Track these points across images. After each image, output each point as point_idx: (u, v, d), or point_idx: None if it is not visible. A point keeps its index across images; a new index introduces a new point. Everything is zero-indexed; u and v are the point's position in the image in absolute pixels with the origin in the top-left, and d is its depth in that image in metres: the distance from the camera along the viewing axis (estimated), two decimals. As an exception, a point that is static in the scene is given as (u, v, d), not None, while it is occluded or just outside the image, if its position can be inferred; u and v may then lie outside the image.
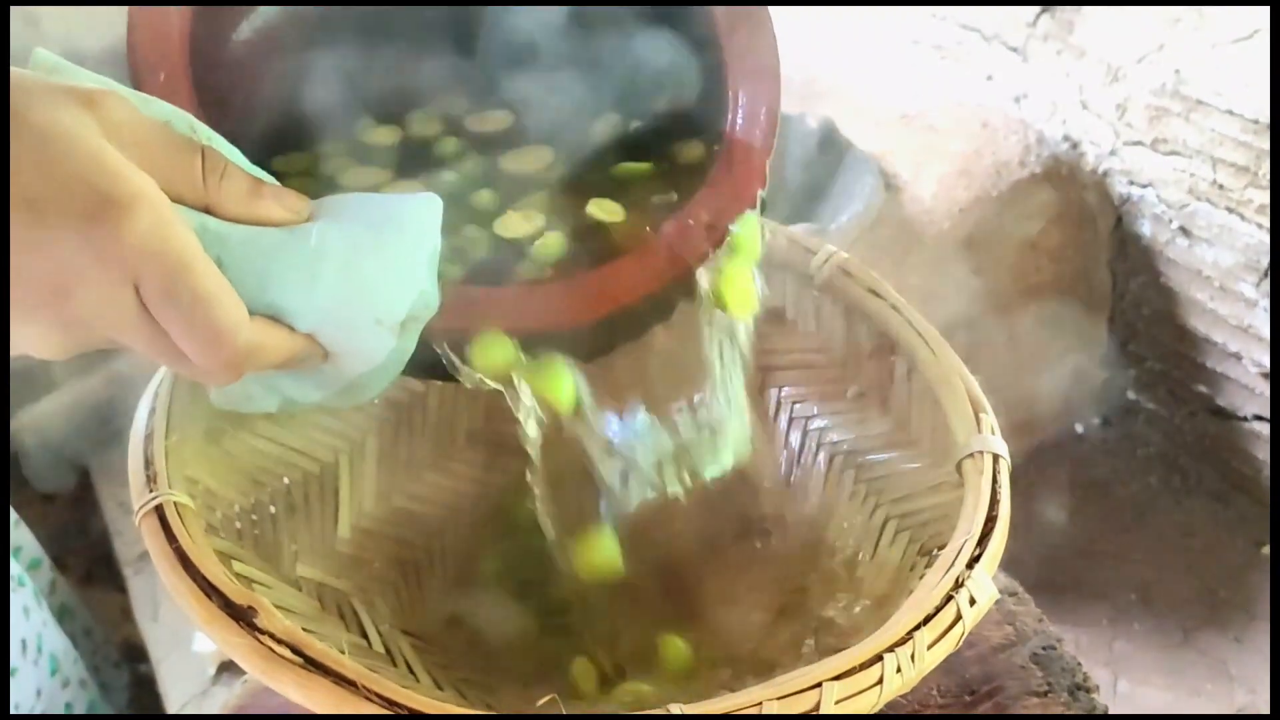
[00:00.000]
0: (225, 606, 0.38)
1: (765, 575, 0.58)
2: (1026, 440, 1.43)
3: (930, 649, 0.39)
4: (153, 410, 0.46)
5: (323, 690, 0.36)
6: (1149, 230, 1.38)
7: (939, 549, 0.44)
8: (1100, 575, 1.31)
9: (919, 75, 1.54)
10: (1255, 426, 1.34)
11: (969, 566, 0.42)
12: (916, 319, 0.54)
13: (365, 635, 0.50)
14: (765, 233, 0.48)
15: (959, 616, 0.40)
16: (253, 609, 0.37)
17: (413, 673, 0.49)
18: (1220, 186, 1.26)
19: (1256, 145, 1.20)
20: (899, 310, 0.54)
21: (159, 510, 0.41)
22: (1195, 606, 1.29)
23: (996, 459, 0.47)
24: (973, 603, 0.40)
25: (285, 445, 0.54)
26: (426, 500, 0.60)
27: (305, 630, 0.38)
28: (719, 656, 0.53)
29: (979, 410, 0.49)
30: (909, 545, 0.51)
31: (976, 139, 1.39)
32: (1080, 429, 1.50)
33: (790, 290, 0.59)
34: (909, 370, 0.53)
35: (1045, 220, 1.38)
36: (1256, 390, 1.32)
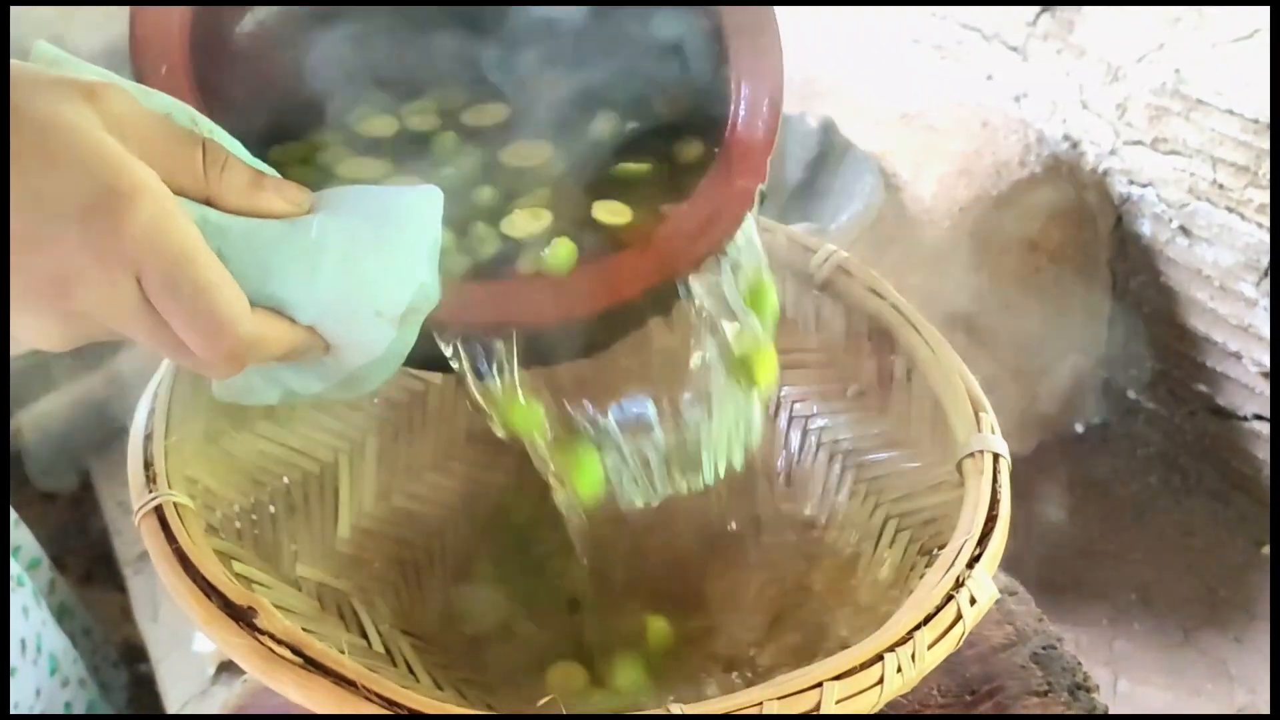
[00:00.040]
0: (225, 606, 0.38)
1: (765, 575, 0.58)
2: (1026, 440, 1.43)
3: (931, 649, 0.39)
4: (152, 410, 0.46)
5: (322, 690, 0.36)
6: (1149, 230, 1.38)
7: (939, 548, 0.44)
8: (1100, 575, 1.31)
9: (919, 75, 1.54)
10: (1255, 426, 1.34)
11: (969, 566, 0.42)
12: (916, 318, 0.54)
13: (365, 635, 0.50)
14: (763, 232, 0.48)
15: (959, 616, 0.40)
16: (252, 609, 0.37)
17: (412, 673, 0.49)
18: (1220, 186, 1.26)
19: (1256, 145, 1.20)
20: (899, 309, 0.54)
21: (159, 510, 0.41)
22: (1195, 606, 1.29)
23: (997, 458, 0.47)
24: (973, 602, 0.40)
25: (285, 445, 0.54)
26: (426, 500, 0.60)
27: (305, 630, 0.38)
28: (719, 656, 0.53)
29: (979, 409, 0.49)
30: (909, 545, 0.51)
31: (976, 138, 1.39)
32: (1080, 428, 1.50)
33: (790, 290, 0.58)
34: (909, 369, 0.53)
35: (1045, 220, 1.38)
36: (1256, 390, 1.32)
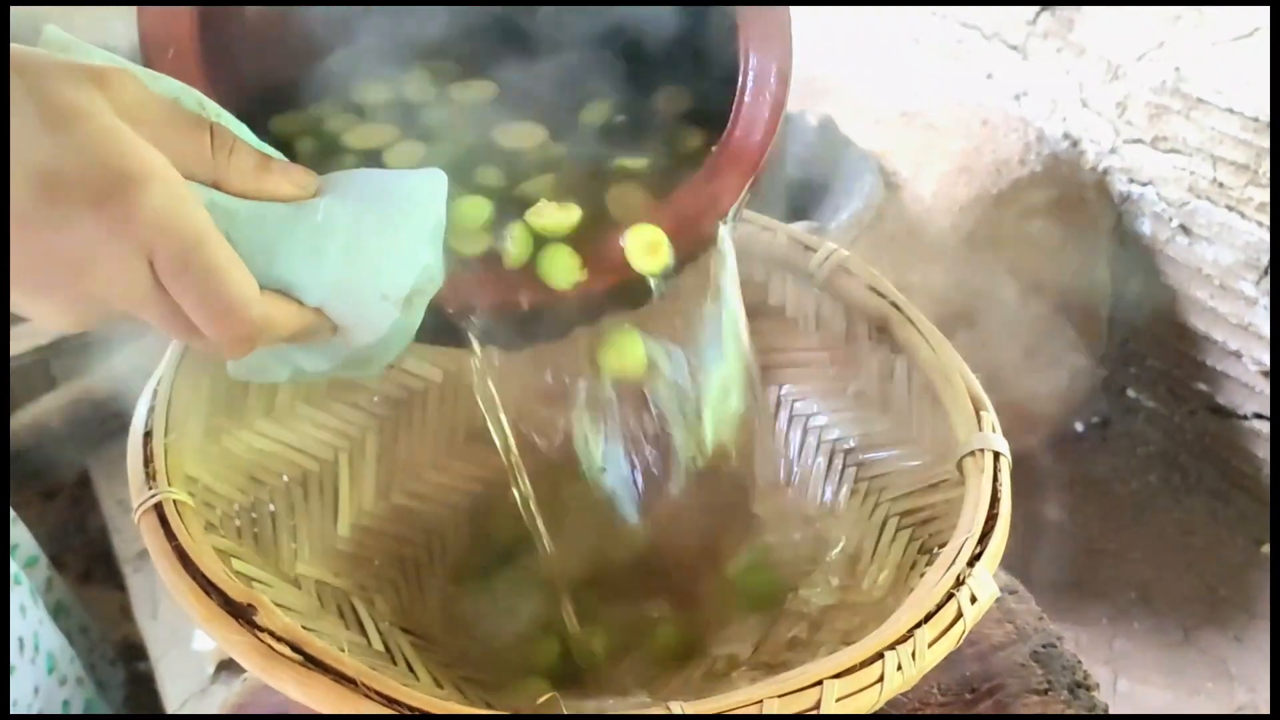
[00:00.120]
0: (225, 604, 0.38)
1: (765, 573, 0.58)
2: (1027, 438, 1.43)
3: (931, 647, 0.38)
4: (152, 408, 0.46)
5: (322, 688, 0.36)
6: (1149, 228, 1.38)
7: (939, 547, 0.44)
8: (1100, 573, 1.31)
9: (919, 73, 1.54)
10: (1255, 425, 1.34)
11: (970, 564, 0.41)
12: (917, 317, 0.53)
13: (365, 633, 0.50)
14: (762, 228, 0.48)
15: (960, 614, 0.40)
16: (252, 607, 0.37)
17: (412, 671, 0.49)
18: (1220, 184, 1.26)
19: (1256, 143, 1.20)
20: (899, 308, 0.54)
21: (158, 508, 0.41)
22: (1195, 605, 1.29)
23: (997, 457, 0.47)
24: (973, 601, 0.40)
25: (285, 443, 0.54)
26: (426, 498, 0.60)
27: (305, 628, 0.37)
28: (719, 654, 0.53)
29: (979, 408, 0.49)
30: (909, 543, 0.51)
31: (976, 137, 1.39)
32: (1080, 427, 1.50)
33: (790, 288, 0.58)
34: (909, 368, 0.53)
35: (1045, 218, 1.38)
36: (1256, 388, 1.32)
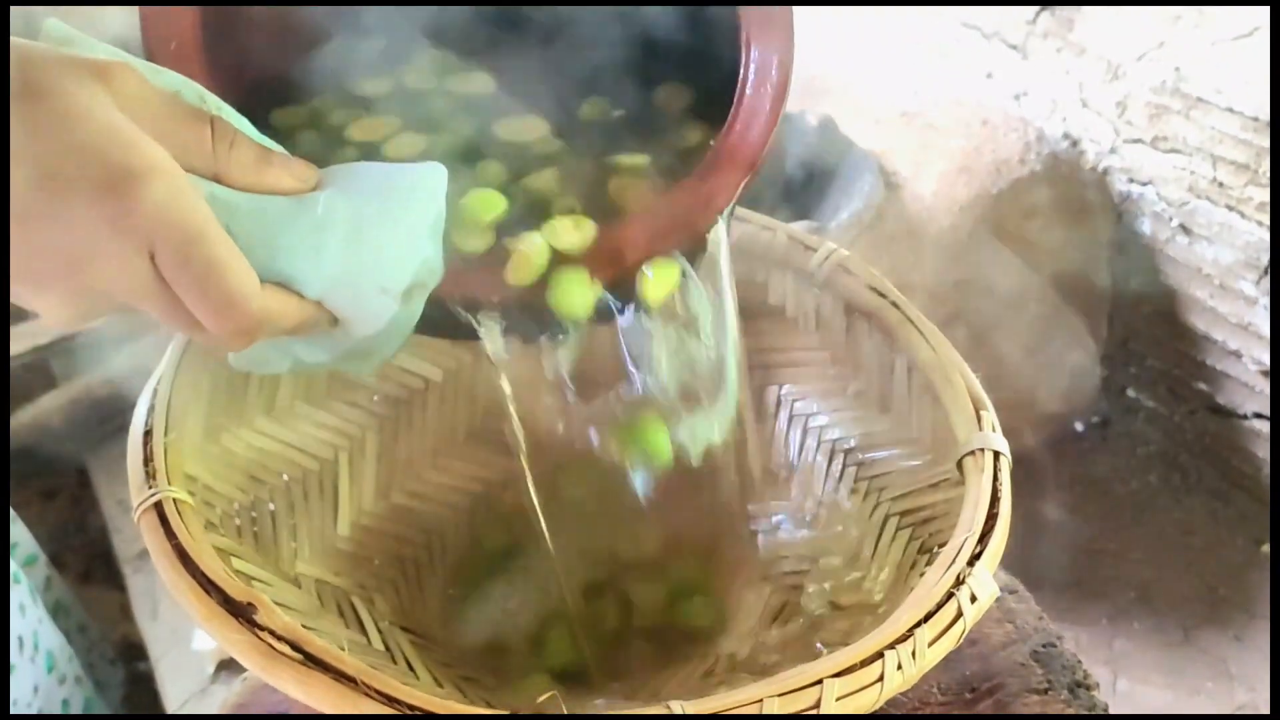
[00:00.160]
0: (225, 603, 0.38)
1: (766, 573, 0.58)
2: (1027, 438, 1.43)
3: (931, 646, 0.38)
4: (152, 407, 0.46)
5: (323, 687, 0.36)
6: (1149, 228, 1.38)
7: (940, 546, 0.44)
8: (1100, 573, 1.31)
9: (919, 73, 1.54)
10: (1255, 424, 1.34)
11: (970, 564, 0.41)
12: (917, 316, 0.53)
13: (365, 632, 0.50)
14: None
15: (960, 614, 0.40)
16: (252, 606, 0.37)
17: (412, 670, 0.49)
18: (1220, 184, 1.26)
19: (1256, 143, 1.20)
20: (899, 307, 0.54)
21: (158, 507, 0.41)
22: (1195, 605, 1.29)
23: (997, 456, 0.47)
24: (973, 600, 0.40)
25: (284, 442, 0.54)
26: (426, 498, 0.60)
27: (305, 627, 0.37)
28: (720, 653, 0.53)
29: (979, 408, 0.49)
30: (909, 542, 0.51)
31: (976, 137, 1.39)
32: (1080, 427, 1.50)
33: (790, 288, 0.58)
34: (909, 368, 0.53)
35: (1045, 218, 1.38)
36: (1256, 388, 1.32)
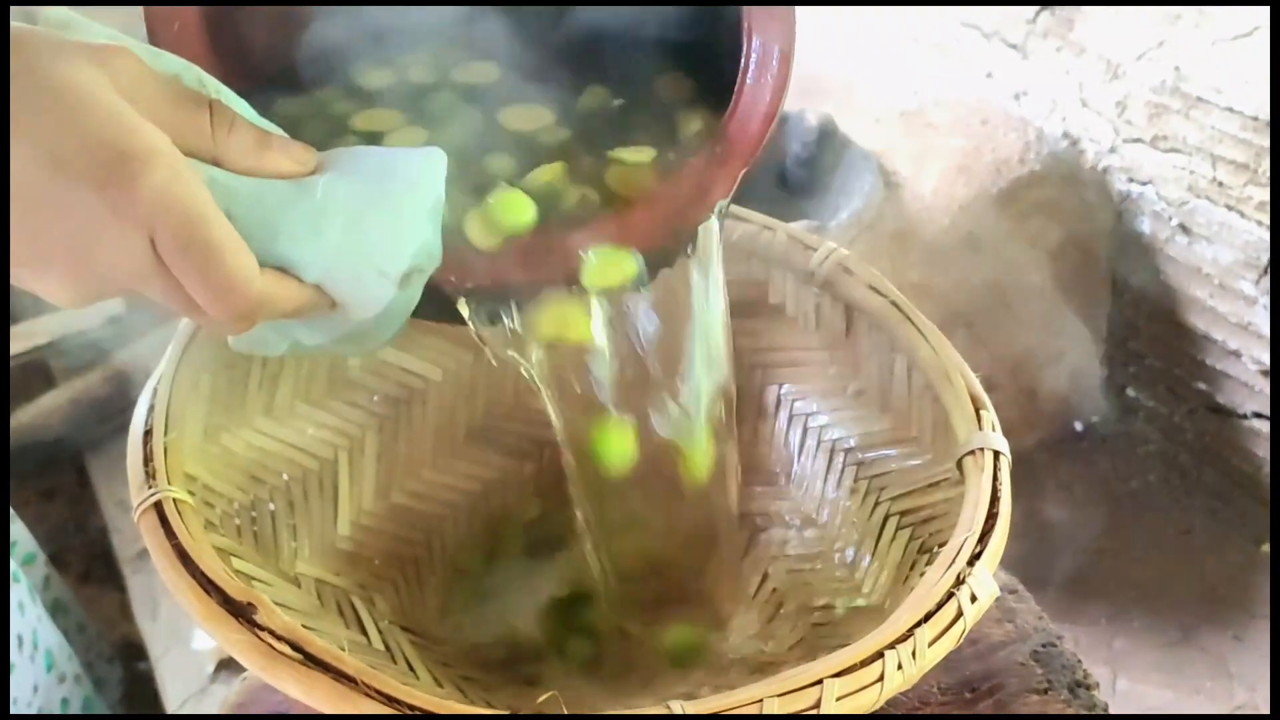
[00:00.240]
0: (225, 603, 0.38)
1: (766, 572, 0.58)
2: (1026, 437, 1.43)
3: (931, 646, 0.38)
4: (152, 407, 0.46)
5: (323, 687, 0.36)
6: (1148, 228, 1.38)
7: (940, 546, 0.44)
8: (1100, 573, 1.31)
9: (919, 72, 1.54)
10: (1255, 424, 1.34)
11: (970, 564, 0.41)
12: (916, 316, 0.53)
13: (365, 632, 0.50)
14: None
15: (960, 614, 0.40)
16: (252, 605, 0.37)
17: (412, 670, 0.49)
18: (1220, 184, 1.26)
19: (1256, 142, 1.20)
20: (899, 307, 0.54)
21: (158, 507, 0.41)
22: (1195, 604, 1.29)
23: (997, 456, 0.47)
24: (973, 600, 0.40)
25: (284, 442, 0.54)
26: (426, 497, 0.60)
27: (305, 627, 0.37)
28: (720, 653, 0.53)
29: (979, 407, 0.49)
30: (909, 542, 0.51)
31: (976, 136, 1.39)
32: (1080, 426, 1.50)
33: (790, 287, 0.58)
34: (909, 367, 0.53)
35: (1045, 217, 1.38)
36: (1256, 388, 1.32)
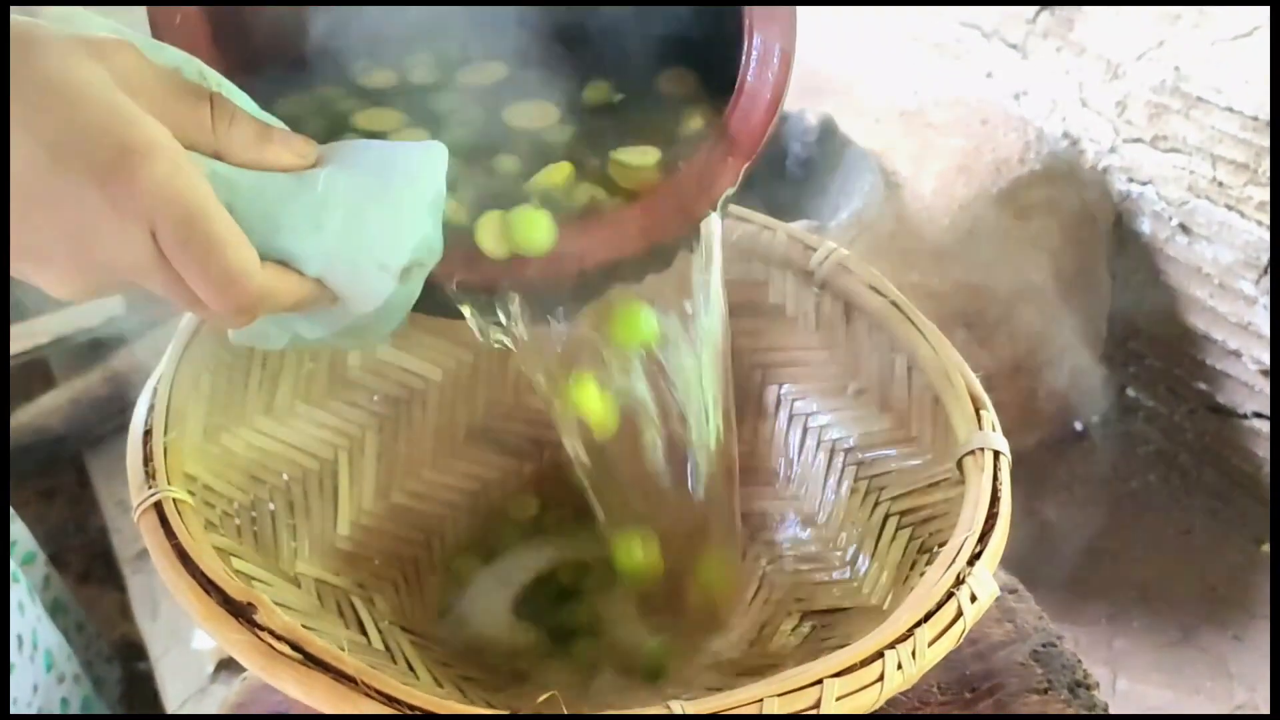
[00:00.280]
0: (224, 603, 0.38)
1: (766, 572, 0.58)
2: (1026, 437, 1.43)
3: (931, 646, 0.38)
4: (152, 407, 0.46)
5: (322, 687, 0.36)
6: (1148, 227, 1.38)
7: (939, 546, 0.44)
8: (1100, 573, 1.31)
9: (919, 72, 1.54)
10: (1255, 424, 1.34)
11: (970, 563, 0.41)
12: (916, 315, 0.53)
13: (365, 632, 0.50)
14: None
15: (960, 613, 0.40)
16: (252, 605, 0.37)
17: (412, 670, 0.49)
18: (1220, 184, 1.26)
19: (1256, 142, 1.20)
20: (899, 307, 0.54)
21: (158, 506, 0.41)
22: (1195, 604, 1.29)
23: (997, 456, 0.47)
24: (973, 600, 0.40)
25: (284, 442, 0.54)
26: (426, 497, 0.60)
27: (305, 627, 0.37)
28: (720, 652, 0.53)
29: (979, 407, 0.49)
30: (909, 542, 0.51)
31: (976, 136, 1.39)
32: (1079, 426, 1.50)
33: (790, 287, 0.58)
34: (909, 367, 0.53)
35: (1045, 217, 1.38)
36: (1256, 388, 1.32)
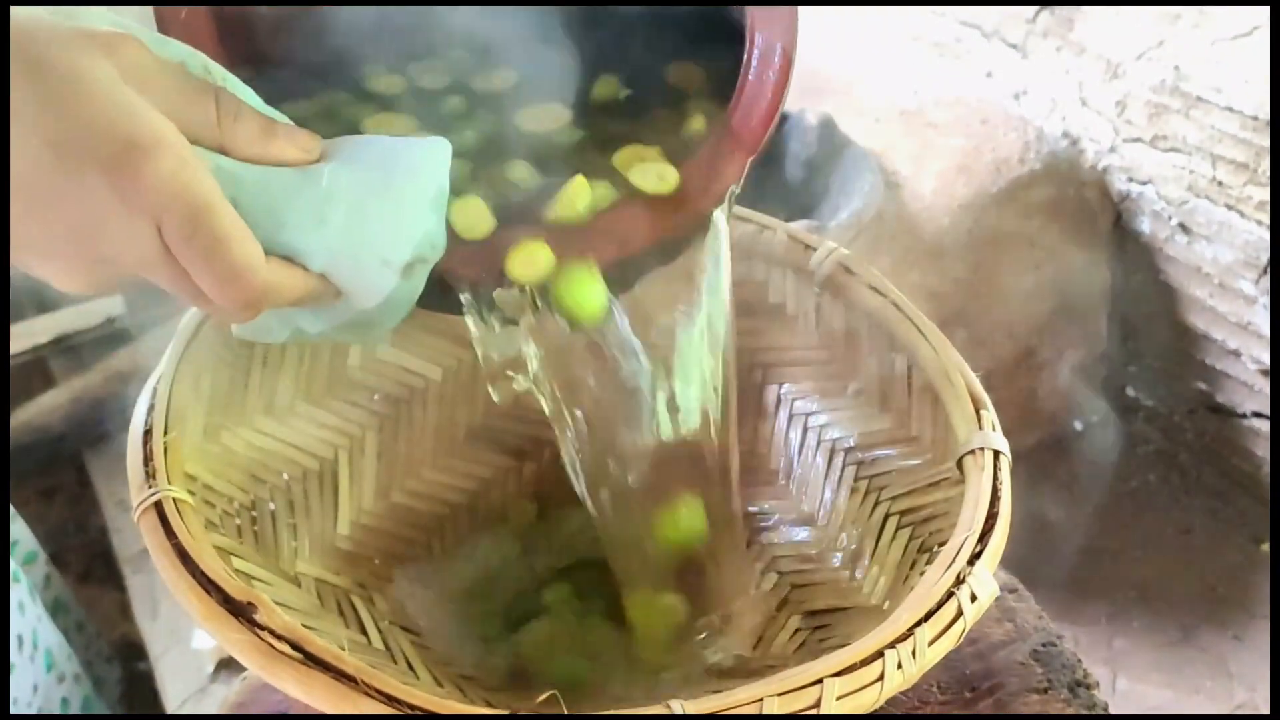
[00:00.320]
0: (225, 602, 0.38)
1: (765, 572, 0.58)
2: (1026, 437, 1.43)
3: (931, 645, 0.38)
4: (152, 406, 0.46)
5: (322, 686, 0.35)
6: (1148, 227, 1.38)
7: (940, 546, 0.44)
8: (1100, 572, 1.31)
9: (919, 72, 1.54)
10: (1254, 424, 1.34)
11: (970, 563, 0.41)
12: (917, 315, 0.53)
13: (365, 632, 0.50)
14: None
15: (960, 613, 0.40)
16: (252, 605, 0.37)
17: (412, 669, 0.49)
18: (1219, 183, 1.26)
19: (1256, 142, 1.20)
20: (899, 306, 0.54)
21: (158, 506, 0.41)
22: (1194, 604, 1.29)
23: (997, 455, 0.47)
24: (973, 599, 0.40)
25: (284, 442, 0.54)
26: (426, 497, 0.60)
27: (305, 627, 0.37)
28: (720, 652, 0.53)
29: (979, 407, 0.49)
30: (910, 542, 0.51)
31: (976, 136, 1.39)
32: (1079, 426, 1.50)
33: (790, 287, 0.58)
34: (909, 367, 0.53)
35: (1044, 217, 1.38)
36: (1256, 387, 1.32)
